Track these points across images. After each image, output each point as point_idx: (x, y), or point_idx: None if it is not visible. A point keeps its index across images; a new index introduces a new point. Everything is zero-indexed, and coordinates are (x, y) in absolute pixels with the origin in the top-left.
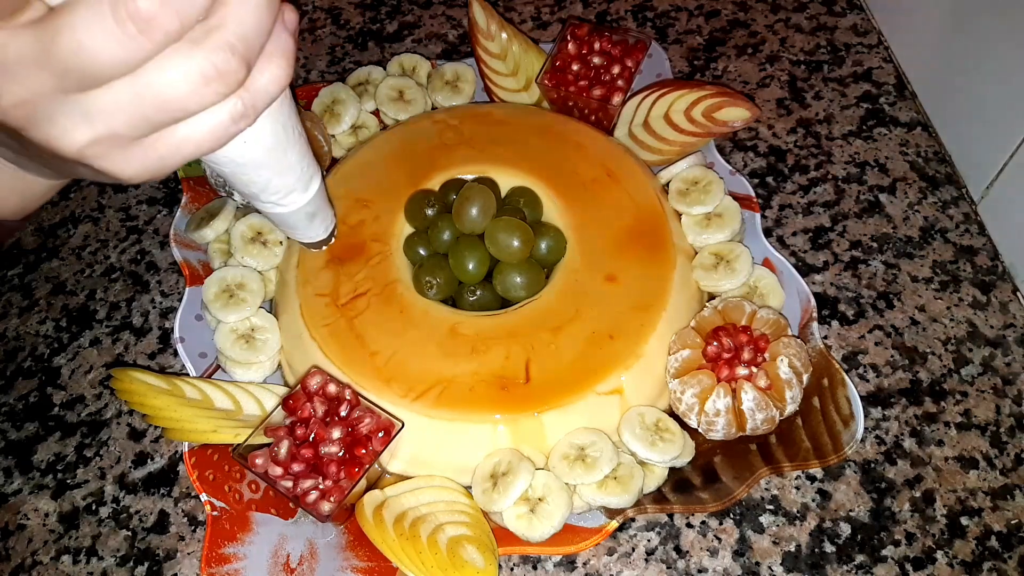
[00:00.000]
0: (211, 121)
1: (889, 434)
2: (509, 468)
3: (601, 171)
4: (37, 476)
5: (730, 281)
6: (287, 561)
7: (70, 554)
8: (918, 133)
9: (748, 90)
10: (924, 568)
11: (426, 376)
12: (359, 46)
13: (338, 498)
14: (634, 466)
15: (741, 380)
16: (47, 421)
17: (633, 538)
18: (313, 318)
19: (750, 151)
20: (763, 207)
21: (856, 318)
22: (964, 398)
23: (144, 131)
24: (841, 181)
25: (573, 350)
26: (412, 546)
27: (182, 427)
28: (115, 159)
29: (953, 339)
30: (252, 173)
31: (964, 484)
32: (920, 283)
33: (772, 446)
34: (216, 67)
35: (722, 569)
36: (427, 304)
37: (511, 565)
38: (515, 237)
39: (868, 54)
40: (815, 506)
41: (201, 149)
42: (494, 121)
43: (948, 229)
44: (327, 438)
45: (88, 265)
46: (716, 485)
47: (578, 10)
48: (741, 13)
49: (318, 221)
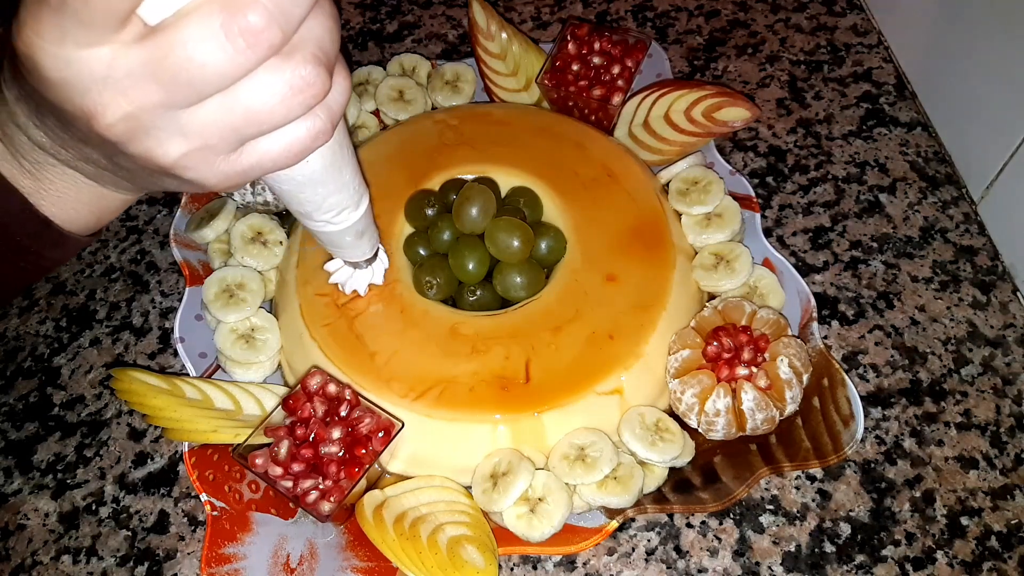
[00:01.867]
0: (292, 135)
1: (889, 434)
2: (509, 468)
3: (601, 171)
4: (37, 476)
5: (730, 281)
6: (287, 561)
7: (70, 554)
8: (918, 133)
9: (748, 90)
10: (924, 568)
11: (426, 376)
12: (359, 46)
13: (338, 498)
14: (634, 466)
15: (741, 380)
16: (47, 421)
17: (633, 538)
18: (313, 318)
19: (750, 151)
20: (763, 207)
21: (856, 318)
22: (964, 398)
23: (233, 145)
24: (841, 181)
25: (573, 350)
26: (412, 546)
27: (182, 427)
28: (203, 170)
29: (953, 339)
30: (309, 191)
31: (964, 484)
32: (920, 283)
33: (772, 446)
34: (305, 79)
35: (722, 569)
36: (427, 304)
37: (511, 565)
38: (515, 237)
39: (868, 54)
40: (815, 506)
41: (279, 164)
42: (494, 121)
43: (948, 229)
44: (327, 438)
45: (88, 265)
46: (716, 485)
47: (578, 10)
48: (741, 13)
49: (366, 238)
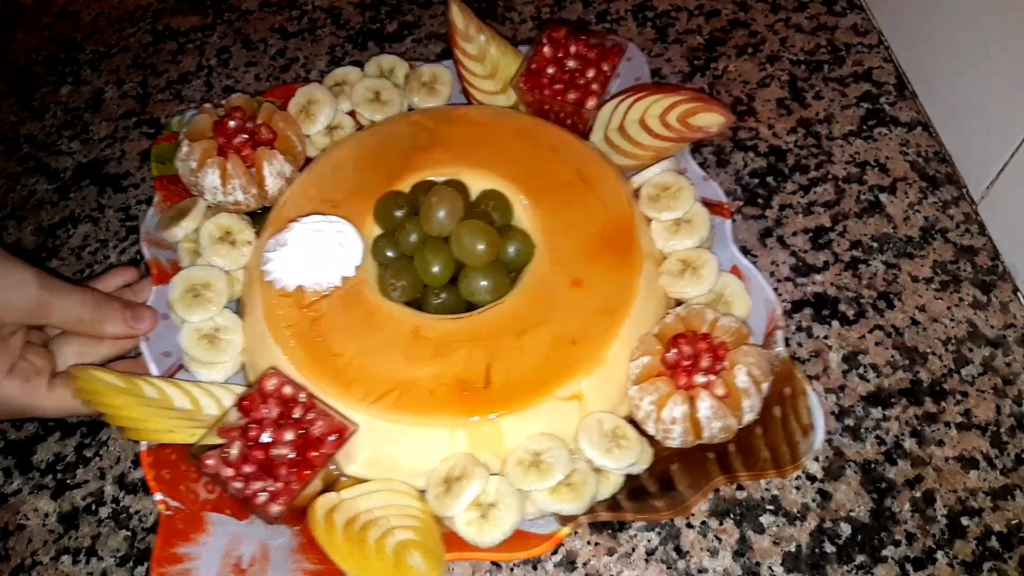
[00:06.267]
0: None
1: (889, 434)
2: (463, 473)
3: (574, 175)
4: (37, 476)
5: (696, 288)
6: (238, 562)
7: (70, 554)
8: (918, 133)
9: (748, 90)
10: (924, 568)
11: (386, 379)
12: (359, 46)
13: (287, 500)
14: (588, 473)
15: (698, 388)
16: (47, 421)
17: (633, 538)
18: (276, 319)
19: (750, 151)
20: (763, 207)
21: (856, 318)
22: (964, 398)
23: None
24: (841, 181)
25: (535, 355)
26: (359, 550)
27: (138, 426)
28: None
29: (953, 339)
30: None
31: (964, 484)
32: (920, 283)
33: (731, 455)
34: None
35: (722, 569)
36: (391, 307)
37: (511, 565)
38: (480, 241)
39: (868, 54)
40: (815, 506)
41: None
42: (469, 123)
43: (948, 229)
44: (279, 440)
45: (88, 265)
46: (671, 493)
47: (578, 10)
48: (741, 13)
49: None
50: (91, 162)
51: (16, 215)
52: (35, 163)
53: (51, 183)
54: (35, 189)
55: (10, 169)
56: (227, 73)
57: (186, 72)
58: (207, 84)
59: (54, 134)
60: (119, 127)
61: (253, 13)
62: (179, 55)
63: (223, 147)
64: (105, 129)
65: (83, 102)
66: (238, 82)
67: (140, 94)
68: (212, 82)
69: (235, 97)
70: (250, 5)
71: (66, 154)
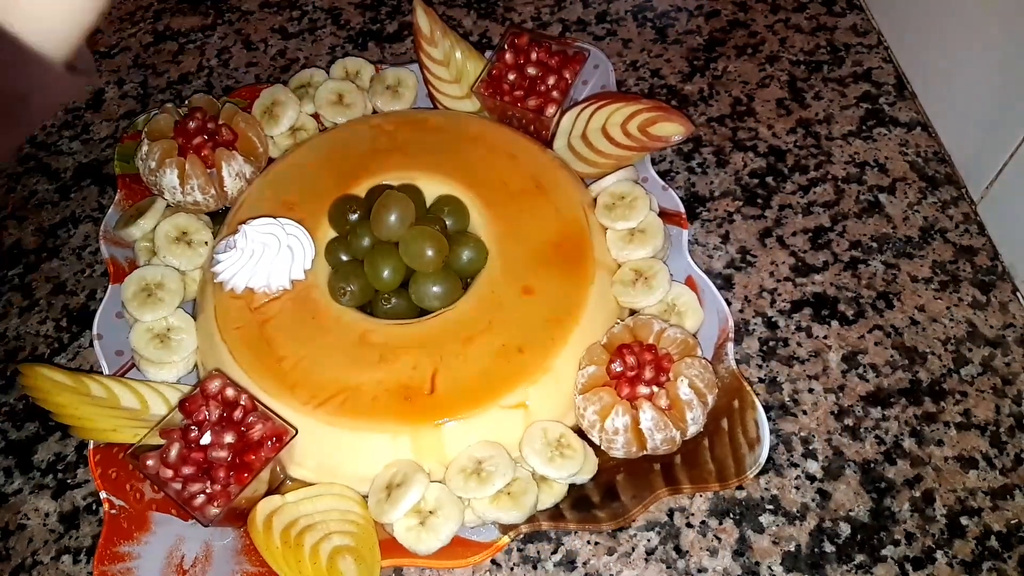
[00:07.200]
0: None
1: (889, 434)
2: (403, 480)
3: (530, 182)
4: (37, 476)
5: (647, 298)
6: (181, 562)
7: (70, 554)
8: (918, 133)
9: (748, 90)
10: (924, 568)
11: (330, 383)
12: (359, 46)
13: (224, 503)
14: (529, 482)
15: (641, 399)
16: (47, 421)
17: (633, 538)
18: (225, 320)
19: (750, 151)
20: (763, 207)
21: (856, 318)
22: (964, 398)
23: None
24: (841, 181)
25: (481, 362)
26: (293, 554)
27: (83, 425)
28: None
29: (953, 339)
30: None
31: (964, 484)
32: (920, 283)
33: (676, 467)
34: None
35: (722, 569)
36: (340, 311)
37: (511, 565)
38: (428, 246)
39: (868, 54)
40: (815, 506)
41: None
42: (429, 128)
43: (948, 229)
44: (219, 442)
45: (88, 265)
46: (614, 504)
47: (578, 10)
48: (741, 13)
49: None
50: (91, 162)
51: (16, 215)
52: (35, 163)
53: (52, 183)
54: (36, 189)
55: (10, 169)
56: (227, 73)
57: (186, 72)
58: (207, 84)
59: (54, 134)
60: (119, 127)
61: (253, 13)
62: (179, 55)
63: (183, 147)
64: (105, 129)
65: (83, 102)
66: (238, 82)
67: (140, 94)
68: (212, 82)
69: (197, 97)
70: (250, 5)
71: (66, 154)
